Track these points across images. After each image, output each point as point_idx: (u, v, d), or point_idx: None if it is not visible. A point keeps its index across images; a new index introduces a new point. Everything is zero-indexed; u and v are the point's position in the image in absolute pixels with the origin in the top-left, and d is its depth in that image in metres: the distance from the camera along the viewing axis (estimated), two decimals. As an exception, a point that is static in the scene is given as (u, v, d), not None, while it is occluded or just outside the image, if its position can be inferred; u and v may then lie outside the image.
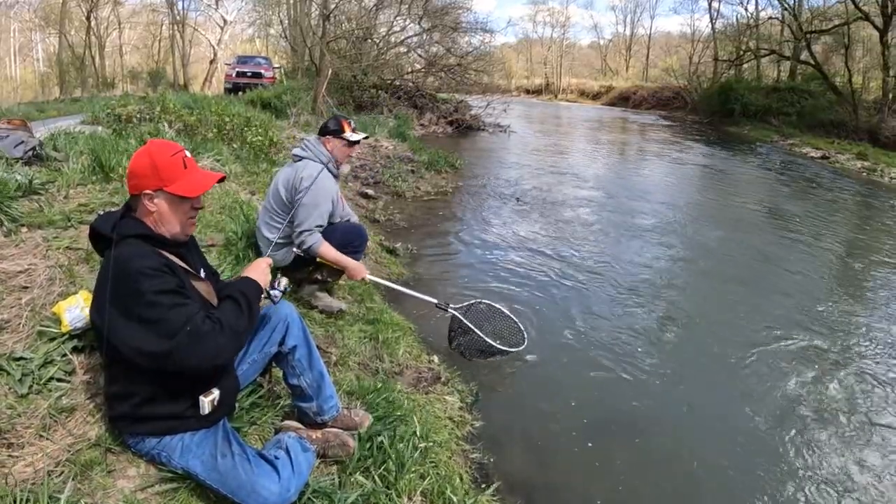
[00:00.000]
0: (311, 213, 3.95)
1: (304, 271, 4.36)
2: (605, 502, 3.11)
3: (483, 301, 4.63)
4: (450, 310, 4.31)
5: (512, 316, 4.59)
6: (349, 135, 4.30)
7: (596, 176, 13.13)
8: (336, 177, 4.32)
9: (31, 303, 2.83)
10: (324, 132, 4.32)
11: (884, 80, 24.50)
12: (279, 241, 4.00)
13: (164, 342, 1.94)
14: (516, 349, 4.34)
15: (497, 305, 4.62)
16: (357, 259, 4.24)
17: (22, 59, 44.31)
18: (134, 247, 2.06)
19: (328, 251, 3.99)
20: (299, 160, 4.20)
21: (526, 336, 4.45)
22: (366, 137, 4.60)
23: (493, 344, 4.22)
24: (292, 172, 4.12)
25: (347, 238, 4.20)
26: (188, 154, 2.25)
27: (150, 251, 2.08)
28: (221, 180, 2.38)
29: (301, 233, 3.94)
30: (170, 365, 1.97)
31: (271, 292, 2.50)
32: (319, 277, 4.36)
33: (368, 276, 4.13)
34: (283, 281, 2.61)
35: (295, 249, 4.02)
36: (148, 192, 2.13)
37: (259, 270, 2.39)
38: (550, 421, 3.71)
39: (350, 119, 4.49)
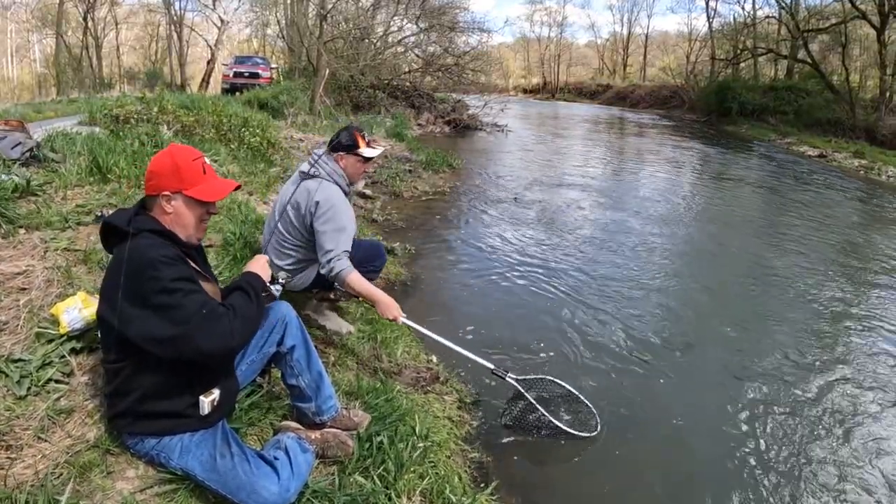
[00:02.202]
0: (338, 238, 3.54)
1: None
2: (602, 502, 3.12)
3: (547, 377, 3.77)
4: (508, 378, 3.58)
5: (581, 396, 3.76)
6: (365, 150, 3.85)
7: (593, 176, 13.13)
8: (348, 193, 3.88)
9: (29, 304, 2.83)
10: (336, 148, 3.82)
11: (881, 78, 24.57)
12: (292, 267, 3.79)
13: (181, 326, 1.97)
14: (588, 434, 3.53)
15: (564, 384, 3.77)
16: (373, 279, 4.02)
17: (19, 60, 44.28)
18: (150, 239, 2.10)
19: (358, 281, 3.49)
20: (308, 178, 3.76)
21: (599, 421, 3.62)
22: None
23: (561, 426, 3.46)
24: (304, 195, 3.68)
25: (367, 256, 3.94)
26: (207, 161, 2.30)
27: (166, 244, 2.12)
28: (237, 188, 2.43)
29: (330, 260, 3.50)
30: (185, 349, 2.00)
31: (272, 287, 2.51)
32: (332, 296, 4.17)
33: (403, 319, 3.51)
34: (282, 274, 2.62)
35: (322, 271, 3.57)
36: (167, 193, 2.17)
37: (259, 265, 2.44)
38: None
39: (363, 131, 3.97)
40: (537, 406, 3.51)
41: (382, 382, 3.46)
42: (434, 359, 4.17)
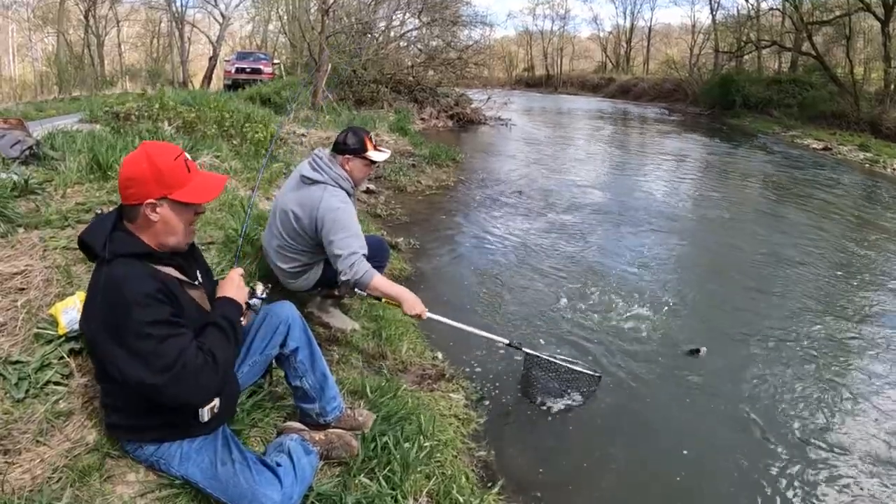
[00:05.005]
0: (353, 242, 3.36)
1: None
2: (610, 501, 3.07)
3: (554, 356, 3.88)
4: (524, 349, 3.70)
5: (582, 369, 3.87)
6: (373, 154, 3.68)
7: (597, 169, 13.10)
8: (351, 196, 3.72)
9: (28, 304, 2.78)
10: (342, 150, 3.65)
11: (885, 70, 24.43)
12: (297, 269, 3.69)
13: (156, 376, 1.85)
14: (596, 374, 3.88)
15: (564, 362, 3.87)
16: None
17: (20, 59, 44.24)
18: (127, 268, 1.93)
19: (383, 282, 3.34)
20: (312, 183, 3.57)
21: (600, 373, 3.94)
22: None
23: (573, 367, 3.76)
24: (308, 202, 3.52)
25: (371, 252, 3.68)
26: (188, 156, 2.10)
27: (145, 273, 1.95)
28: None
29: (352, 264, 3.29)
30: (161, 398, 1.91)
31: (251, 302, 2.41)
32: (337, 293, 4.00)
33: (429, 314, 3.39)
34: (259, 287, 2.51)
35: (342, 278, 3.35)
36: (151, 200, 1.96)
37: (234, 286, 2.27)
38: (556, 418, 3.66)
39: (370, 132, 3.81)
40: (552, 359, 3.75)
41: (387, 380, 3.41)
42: (440, 356, 4.14)
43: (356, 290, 3.37)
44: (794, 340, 4.88)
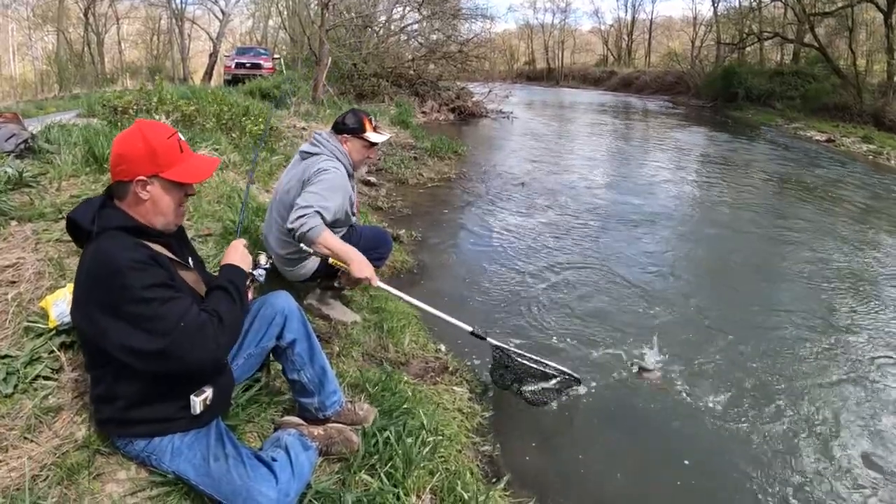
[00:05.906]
0: (316, 199, 3.20)
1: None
2: (618, 497, 3.01)
3: (526, 353, 3.52)
4: (488, 339, 3.46)
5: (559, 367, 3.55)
6: (371, 135, 3.67)
7: (600, 162, 13.01)
8: (351, 176, 3.71)
9: (18, 297, 2.71)
10: (341, 130, 3.66)
11: (888, 62, 24.23)
12: (294, 256, 3.58)
13: (159, 340, 1.77)
14: (572, 376, 3.52)
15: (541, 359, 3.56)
16: (379, 266, 3.83)
17: (21, 58, 44.24)
18: (117, 240, 1.87)
19: (332, 239, 3.14)
20: (309, 157, 3.59)
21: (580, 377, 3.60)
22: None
23: (536, 364, 3.42)
24: (303, 169, 3.52)
25: (374, 243, 3.76)
26: (181, 136, 2.06)
27: (135, 243, 1.90)
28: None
29: (301, 216, 3.11)
30: (167, 364, 1.83)
31: (254, 272, 2.36)
32: (337, 285, 3.89)
33: (378, 282, 3.22)
34: (263, 257, 2.45)
35: (288, 225, 3.17)
36: (142, 178, 1.93)
37: (239, 254, 2.22)
38: (562, 411, 3.59)
39: (371, 116, 3.78)
40: (522, 353, 3.46)
41: (389, 374, 3.33)
42: (443, 348, 4.06)
43: (302, 245, 3.18)
44: (801, 343, 4.77)
